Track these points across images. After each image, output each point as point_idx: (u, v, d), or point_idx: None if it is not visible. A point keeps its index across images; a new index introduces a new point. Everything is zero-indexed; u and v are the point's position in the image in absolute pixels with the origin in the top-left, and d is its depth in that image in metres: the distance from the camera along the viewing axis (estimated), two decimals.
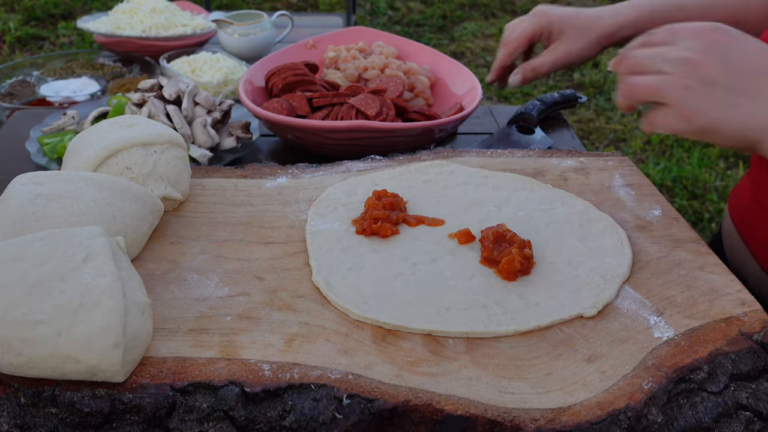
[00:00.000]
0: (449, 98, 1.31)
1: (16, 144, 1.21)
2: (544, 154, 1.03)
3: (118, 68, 1.70)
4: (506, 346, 0.69)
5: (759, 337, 0.69)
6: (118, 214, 0.79)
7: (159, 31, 1.74)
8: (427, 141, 1.16)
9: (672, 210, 0.91)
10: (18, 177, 0.79)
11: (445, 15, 4.58)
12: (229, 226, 0.87)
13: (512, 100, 3.62)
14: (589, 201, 0.92)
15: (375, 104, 1.15)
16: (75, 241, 0.67)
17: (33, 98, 1.54)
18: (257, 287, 0.76)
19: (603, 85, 3.73)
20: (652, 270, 0.80)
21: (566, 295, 0.75)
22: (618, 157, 1.02)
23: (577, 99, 1.38)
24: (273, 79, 1.26)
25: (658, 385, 0.64)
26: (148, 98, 1.14)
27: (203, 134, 1.11)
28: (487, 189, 0.94)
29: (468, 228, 0.84)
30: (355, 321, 0.72)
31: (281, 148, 1.23)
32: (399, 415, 0.62)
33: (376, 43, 1.42)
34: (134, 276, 0.68)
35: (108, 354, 0.61)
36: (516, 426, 0.61)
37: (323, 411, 0.62)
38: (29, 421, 0.62)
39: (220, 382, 0.63)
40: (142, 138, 0.87)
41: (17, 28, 4.12)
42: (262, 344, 0.68)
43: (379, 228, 0.84)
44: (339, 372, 0.65)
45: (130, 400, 0.62)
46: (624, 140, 3.30)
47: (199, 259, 0.80)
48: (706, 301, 0.74)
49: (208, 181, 0.96)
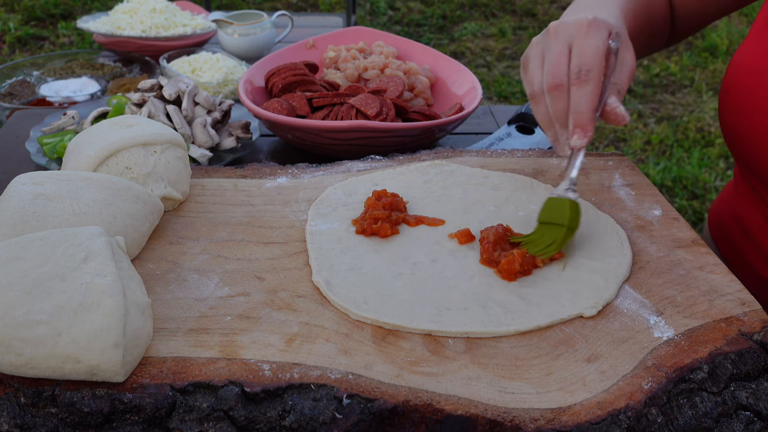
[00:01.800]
0: (449, 98, 1.31)
1: (16, 144, 1.21)
2: (544, 154, 1.03)
3: (118, 68, 1.70)
4: (506, 346, 0.69)
5: (759, 337, 0.69)
6: (118, 214, 0.79)
7: (159, 31, 1.74)
8: (427, 141, 1.16)
9: (672, 210, 0.91)
10: (18, 177, 0.79)
11: (445, 15, 4.58)
12: (229, 226, 0.87)
13: (512, 100, 3.62)
14: (589, 201, 0.92)
15: (375, 104, 1.15)
16: (75, 241, 0.67)
17: (33, 98, 1.54)
18: (257, 287, 0.76)
19: None
20: (651, 270, 0.80)
21: (566, 295, 0.75)
22: (618, 157, 1.02)
23: None
24: (273, 79, 1.26)
25: (658, 385, 0.64)
26: (148, 98, 1.14)
27: (203, 134, 1.11)
28: (487, 189, 0.94)
29: (468, 228, 0.84)
30: (355, 321, 0.72)
31: (281, 148, 1.23)
32: (399, 415, 0.62)
33: (376, 43, 1.42)
34: (134, 276, 0.68)
35: (108, 354, 0.61)
36: (516, 426, 0.61)
37: (323, 411, 0.62)
38: (29, 421, 0.62)
39: (220, 382, 0.63)
40: (142, 138, 0.87)
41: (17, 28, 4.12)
42: (262, 344, 0.68)
43: (379, 228, 0.84)
44: (339, 372, 0.65)
45: (130, 400, 0.62)
46: (624, 140, 3.30)
47: (199, 259, 0.80)
48: (706, 301, 0.74)
49: (208, 181, 0.96)
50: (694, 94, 3.71)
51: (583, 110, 0.81)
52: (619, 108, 0.84)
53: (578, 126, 0.82)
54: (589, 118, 0.81)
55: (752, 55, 0.95)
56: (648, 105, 3.62)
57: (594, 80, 0.81)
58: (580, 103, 0.81)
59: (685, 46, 4.19)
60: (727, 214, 1.09)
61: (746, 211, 1.04)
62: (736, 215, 1.06)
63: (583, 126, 0.82)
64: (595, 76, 0.81)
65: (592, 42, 0.82)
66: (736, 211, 1.07)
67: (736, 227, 1.06)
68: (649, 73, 3.88)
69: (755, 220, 1.01)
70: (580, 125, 0.82)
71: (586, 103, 0.81)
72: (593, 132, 0.82)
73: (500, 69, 3.93)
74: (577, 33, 0.84)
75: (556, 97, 0.83)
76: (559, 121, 0.84)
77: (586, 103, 0.81)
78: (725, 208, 1.11)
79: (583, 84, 0.81)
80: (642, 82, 3.82)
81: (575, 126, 0.82)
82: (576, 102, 0.81)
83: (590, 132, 0.82)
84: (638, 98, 3.67)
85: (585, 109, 0.81)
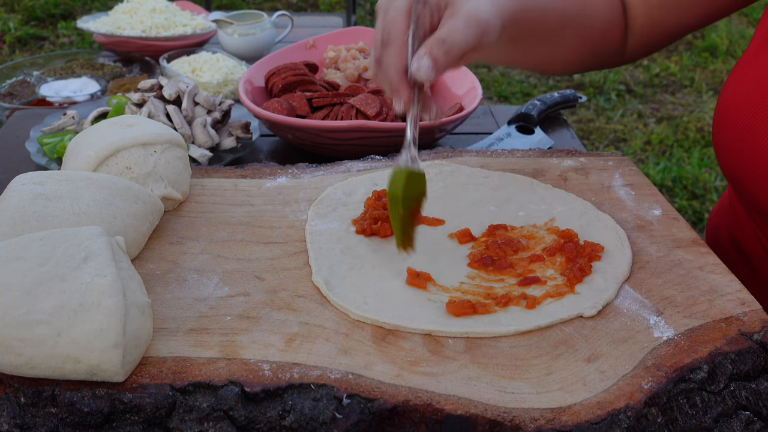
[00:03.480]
0: (449, 98, 1.31)
1: (16, 144, 1.21)
2: (544, 154, 1.03)
3: (118, 68, 1.70)
4: (506, 346, 0.69)
5: (759, 337, 0.69)
6: (118, 214, 0.79)
7: (159, 31, 1.74)
8: (427, 141, 1.16)
9: (672, 210, 0.91)
10: (18, 177, 0.79)
11: None
12: (229, 226, 0.87)
13: (512, 100, 3.62)
14: (589, 201, 0.92)
15: (375, 104, 1.15)
16: (75, 241, 0.67)
17: (33, 98, 1.54)
18: (257, 287, 0.76)
19: (603, 85, 3.74)
20: (651, 270, 0.80)
21: (566, 295, 0.75)
22: (618, 157, 1.02)
23: (577, 99, 1.38)
24: (273, 79, 1.26)
25: (658, 385, 0.64)
26: (148, 98, 1.14)
27: (203, 134, 1.11)
28: (487, 189, 0.94)
29: (468, 228, 0.84)
30: (355, 321, 0.72)
31: (281, 148, 1.23)
32: (399, 415, 0.62)
33: None
34: (134, 276, 0.68)
35: (108, 354, 0.61)
36: (516, 426, 0.61)
37: (323, 411, 0.62)
38: (29, 421, 0.62)
39: (220, 382, 0.63)
40: (142, 138, 0.87)
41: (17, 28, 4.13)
42: (262, 344, 0.68)
43: (379, 228, 0.84)
44: (339, 372, 0.65)
45: (130, 400, 0.62)
46: (624, 140, 3.30)
47: (199, 259, 0.81)
48: (706, 301, 0.74)
49: (208, 181, 0.96)
50: (694, 94, 3.71)
51: (391, 74, 0.78)
52: (416, 65, 0.77)
53: (392, 90, 0.79)
54: (398, 80, 0.78)
55: (743, 90, 0.90)
56: (648, 105, 3.62)
57: (394, 42, 0.78)
58: (387, 69, 0.79)
59: (685, 46, 4.19)
60: (724, 236, 1.06)
61: (744, 237, 1.01)
62: (733, 237, 1.04)
63: (395, 90, 0.79)
64: (395, 36, 0.78)
65: (395, 2, 0.79)
66: (733, 235, 1.04)
67: (735, 251, 1.03)
68: (649, 73, 3.88)
69: (756, 251, 0.99)
70: (393, 90, 0.79)
71: (390, 66, 0.78)
72: (408, 94, 0.78)
73: (500, 69, 3.93)
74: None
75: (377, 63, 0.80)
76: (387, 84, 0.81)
77: (390, 67, 0.78)
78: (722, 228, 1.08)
79: (386, 47, 0.78)
80: (642, 82, 3.82)
81: (391, 92, 0.80)
82: (385, 66, 0.79)
83: (404, 95, 0.78)
84: (638, 98, 3.67)
85: (392, 73, 0.78)
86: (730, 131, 0.91)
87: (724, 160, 0.94)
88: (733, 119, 0.91)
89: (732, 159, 0.92)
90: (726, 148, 0.93)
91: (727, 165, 0.94)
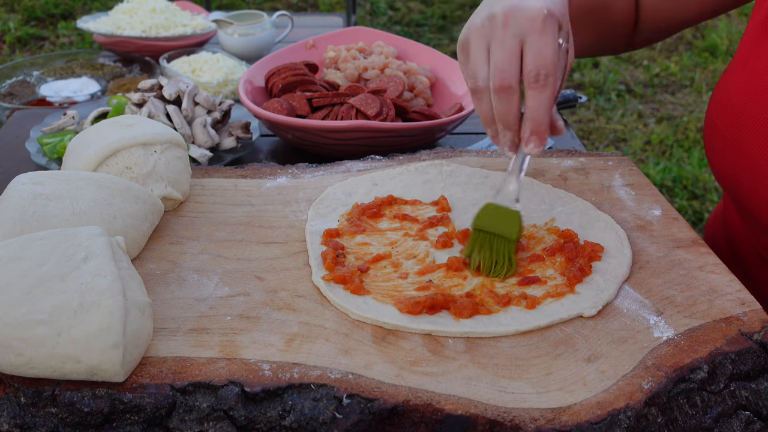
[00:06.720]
0: (449, 98, 1.31)
1: (16, 144, 1.21)
2: (544, 154, 1.03)
3: (118, 68, 1.70)
4: (506, 346, 0.69)
5: (759, 337, 0.69)
6: (118, 214, 0.79)
7: (159, 31, 1.74)
8: (427, 141, 1.16)
9: (672, 210, 0.91)
10: (18, 177, 0.79)
11: (445, 15, 4.58)
12: (229, 226, 0.87)
13: None
14: (589, 201, 0.92)
15: (375, 104, 1.15)
16: (75, 241, 0.67)
17: (33, 98, 1.54)
18: (257, 287, 0.76)
19: (603, 85, 3.74)
20: (651, 270, 0.80)
21: (566, 294, 0.75)
22: (618, 157, 1.02)
23: (577, 99, 1.38)
24: (273, 79, 1.26)
25: (658, 385, 0.64)
26: (148, 98, 1.14)
27: (203, 134, 1.11)
28: (487, 189, 0.94)
29: (468, 228, 0.84)
30: (355, 321, 0.72)
31: (281, 148, 1.23)
32: (399, 415, 0.62)
33: (376, 43, 1.42)
34: (134, 276, 0.68)
35: (108, 354, 0.61)
36: (516, 426, 0.61)
37: (323, 411, 0.62)
38: (29, 421, 0.62)
39: (220, 381, 0.63)
40: (142, 138, 0.87)
41: (17, 28, 4.12)
42: (262, 344, 0.68)
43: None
44: (339, 372, 0.65)
45: (130, 400, 0.62)
46: (624, 140, 3.30)
47: (199, 259, 0.81)
48: (706, 301, 0.74)
49: (208, 181, 0.96)
50: (694, 94, 3.71)
51: (542, 117, 0.76)
52: (559, 121, 0.80)
53: (535, 133, 0.77)
54: (547, 125, 0.77)
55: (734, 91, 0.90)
56: (648, 105, 3.62)
57: (552, 85, 0.75)
58: (538, 110, 0.75)
59: (685, 46, 4.19)
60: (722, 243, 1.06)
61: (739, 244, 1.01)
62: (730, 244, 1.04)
63: (540, 133, 0.77)
64: (552, 81, 0.74)
65: (549, 41, 0.75)
66: (729, 241, 1.04)
67: (731, 258, 1.03)
68: (649, 73, 3.88)
69: (752, 258, 0.99)
70: (537, 132, 0.77)
71: (544, 109, 0.75)
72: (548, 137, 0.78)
73: None
74: (530, 28, 0.75)
75: (504, 99, 0.76)
76: (503, 122, 0.78)
77: (544, 110, 0.75)
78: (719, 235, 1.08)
79: (542, 89, 0.75)
80: (642, 82, 3.82)
81: (532, 133, 0.77)
82: (534, 108, 0.75)
83: (546, 139, 0.77)
84: (638, 98, 3.67)
85: (543, 116, 0.76)
86: (720, 133, 0.92)
87: (715, 162, 0.95)
88: (723, 121, 0.91)
89: (723, 161, 0.92)
90: (717, 150, 0.93)
91: (718, 167, 0.94)
